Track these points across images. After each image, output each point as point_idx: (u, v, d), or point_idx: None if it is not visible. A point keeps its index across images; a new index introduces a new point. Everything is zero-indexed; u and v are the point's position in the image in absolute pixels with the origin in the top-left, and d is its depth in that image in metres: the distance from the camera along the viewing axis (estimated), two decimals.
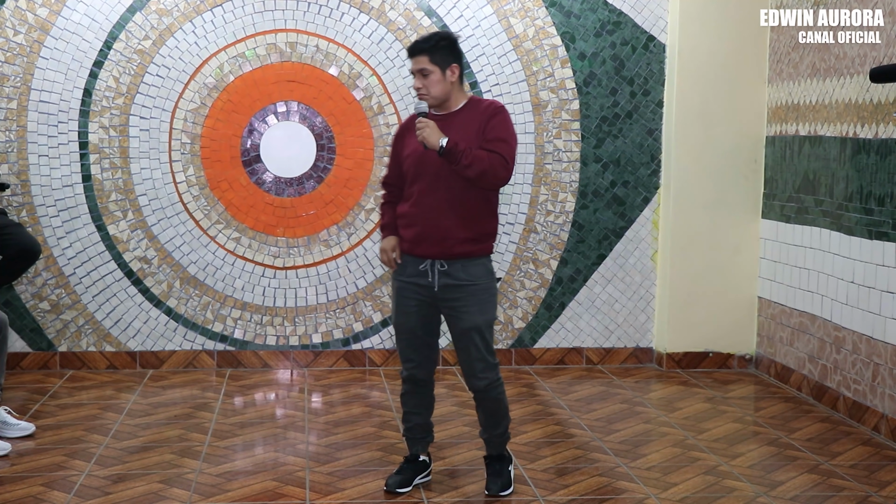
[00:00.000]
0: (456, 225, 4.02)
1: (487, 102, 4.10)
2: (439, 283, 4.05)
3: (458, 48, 4.07)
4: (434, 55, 4.00)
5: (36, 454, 4.60)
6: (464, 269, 4.05)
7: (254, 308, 6.22)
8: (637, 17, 6.25)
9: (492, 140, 3.99)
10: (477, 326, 4.05)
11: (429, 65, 4.00)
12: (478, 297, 4.05)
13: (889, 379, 4.88)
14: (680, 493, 4.19)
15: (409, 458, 4.32)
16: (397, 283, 4.17)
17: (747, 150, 6.23)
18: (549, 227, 6.31)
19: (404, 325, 4.16)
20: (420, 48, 4.02)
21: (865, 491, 4.23)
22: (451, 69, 4.03)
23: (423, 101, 4.05)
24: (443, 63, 4.01)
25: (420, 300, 4.11)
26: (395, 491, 4.18)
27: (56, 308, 6.09)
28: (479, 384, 4.11)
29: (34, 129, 5.99)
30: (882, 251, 4.91)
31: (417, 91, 4.05)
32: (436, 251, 4.04)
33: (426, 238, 4.05)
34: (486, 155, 3.95)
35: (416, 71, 4.03)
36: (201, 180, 6.14)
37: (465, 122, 4.04)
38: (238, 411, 5.37)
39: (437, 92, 4.03)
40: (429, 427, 4.32)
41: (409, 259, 4.12)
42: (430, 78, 4.01)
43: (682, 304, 6.28)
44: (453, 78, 4.04)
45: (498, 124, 4.02)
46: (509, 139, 4.02)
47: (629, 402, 5.60)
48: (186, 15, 6.04)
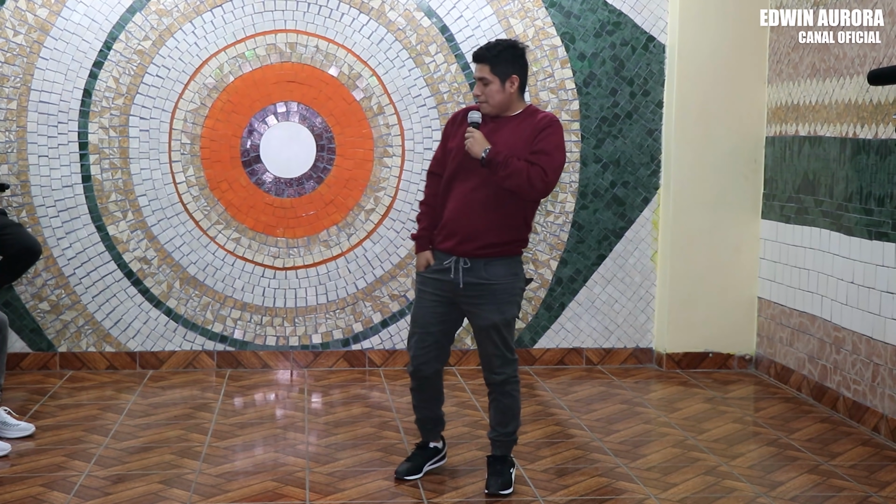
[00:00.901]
0: (487, 228, 4.08)
1: (543, 114, 4.14)
2: (464, 280, 4.11)
3: (522, 59, 4.10)
4: (496, 65, 4.04)
5: (36, 455, 4.60)
6: (486, 268, 4.11)
7: (254, 308, 6.22)
8: (637, 17, 6.25)
9: (537, 152, 4.04)
10: (495, 325, 4.11)
11: (489, 74, 4.05)
12: (497, 296, 4.11)
13: (889, 379, 4.88)
14: (680, 493, 4.19)
15: (420, 445, 4.42)
16: (420, 276, 4.25)
17: (747, 151, 6.23)
18: (548, 228, 6.31)
19: (420, 318, 4.23)
20: (483, 56, 4.07)
21: (865, 491, 4.23)
22: (510, 80, 4.07)
23: (476, 112, 4.11)
24: (503, 74, 4.06)
25: (439, 295, 4.18)
26: (404, 478, 4.28)
27: (56, 308, 6.09)
28: (497, 378, 4.18)
29: (34, 129, 5.99)
30: (882, 251, 4.91)
31: (476, 97, 4.12)
32: (462, 249, 4.10)
33: (454, 234, 4.11)
34: (525, 167, 3.99)
35: (478, 79, 4.09)
36: (201, 181, 6.14)
37: (517, 129, 4.09)
38: (238, 412, 5.37)
39: (495, 102, 4.09)
40: (438, 419, 4.40)
41: (436, 254, 4.20)
42: (489, 87, 4.07)
43: (681, 305, 6.28)
44: (512, 89, 4.08)
45: (547, 136, 4.06)
46: (554, 152, 4.05)
47: (629, 402, 5.60)
48: (186, 15, 6.04)
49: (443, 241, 4.16)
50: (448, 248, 4.13)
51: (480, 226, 4.07)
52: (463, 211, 4.10)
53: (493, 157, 4.00)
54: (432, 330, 4.21)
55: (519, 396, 4.24)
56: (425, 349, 4.23)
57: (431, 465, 4.39)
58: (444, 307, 4.19)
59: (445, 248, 4.14)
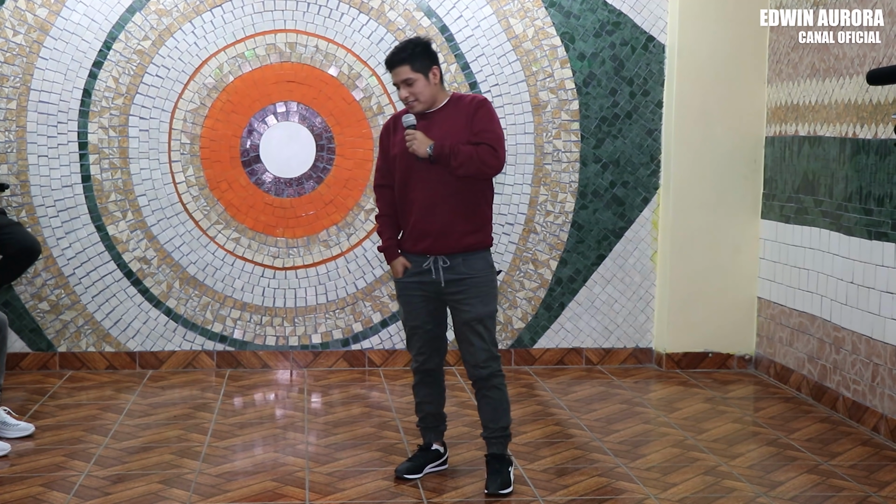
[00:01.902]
0: (453, 219, 4.14)
1: (470, 97, 4.20)
2: (445, 277, 4.15)
3: (432, 51, 4.18)
4: (414, 63, 4.10)
5: (35, 455, 4.60)
6: (465, 263, 4.16)
7: (253, 308, 6.22)
8: (636, 17, 6.25)
9: (478, 132, 4.10)
10: (480, 317, 4.16)
11: (412, 73, 4.11)
12: (479, 289, 4.17)
13: (888, 379, 4.88)
14: (679, 493, 4.19)
15: (422, 447, 4.44)
16: (400, 283, 4.28)
17: (747, 151, 6.23)
18: (548, 228, 6.31)
19: (412, 321, 4.28)
20: (400, 59, 4.12)
21: (865, 491, 4.23)
22: (432, 72, 4.14)
23: (409, 116, 4.15)
24: (424, 69, 4.12)
25: (425, 296, 4.23)
26: (403, 477, 4.30)
27: (55, 308, 6.09)
28: (483, 373, 4.20)
29: (34, 129, 5.99)
30: (881, 251, 4.91)
31: (405, 101, 4.16)
32: (437, 247, 4.15)
33: (426, 235, 4.16)
34: (473, 150, 4.06)
35: (401, 82, 4.12)
36: (201, 181, 6.13)
37: (450, 118, 4.15)
38: (237, 412, 5.37)
39: (425, 97, 4.15)
40: (441, 416, 4.46)
41: (411, 258, 4.23)
42: (415, 86, 4.12)
43: (681, 305, 6.28)
44: (436, 80, 4.16)
45: (483, 116, 4.13)
46: (495, 128, 4.13)
47: (629, 402, 5.60)
48: (186, 15, 6.04)
49: (415, 244, 4.19)
50: (424, 250, 4.17)
51: (448, 219, 4.12)
52: (428, 210, 4.14)
53: (439, 151, 4.05)
54: (428, 328, 4.28)
55: (506, 389, 4.28)
56: (426, 344, 4.30)
57: (432, 468, 4.39)
58: (432, 304, 4.25)
59: (421, 250, 4.18)
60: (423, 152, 4.07)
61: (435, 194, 4.12)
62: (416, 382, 4.40)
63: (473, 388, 4.30)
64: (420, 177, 4.14)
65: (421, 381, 4.38)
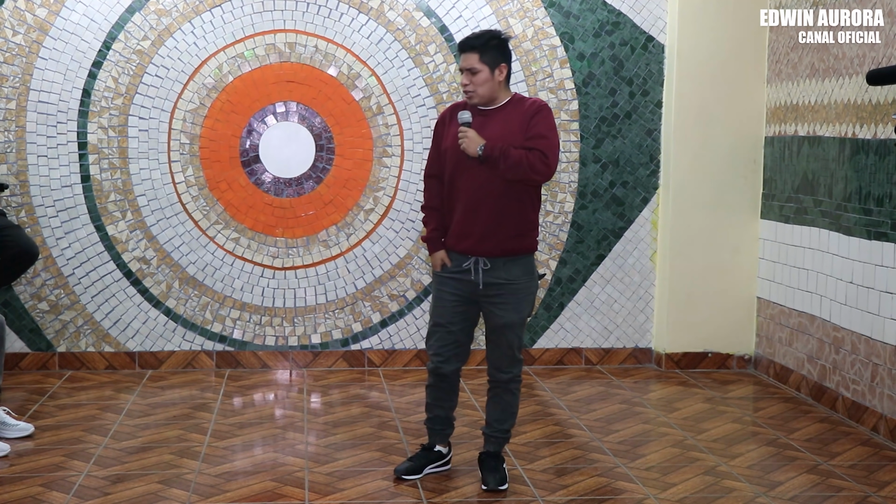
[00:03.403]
0: (498, 221, 4.08)
1: (531, 100, 4.12)
2: (484, 280, 4.11)
3: (508, 48, 4.09)
4: (484, 54, 4.02)
5: (35, 455, 4.60)
6: (505, 268, 4.11)
7: (253, 308, 6.22)
8: (636, 17, 6.25)
9: (532, 137, 4.03)
10: (511, 324, 4.13)
11: (478, 63, 4.02)
12: (516, 295, 4.13)
13: (888, 379, 4.88)
14: (679, 493, 4.19)
15: (424, 447, 4.41)
16: (438, 276, 4.24)
17: (746, 151, 6.23)
18: (548, 228, 6.31)
19: (440, 318, 4.22)
20: (472, 45, 4.02)
21: (864, 491, 4.23)
22: (499, 69, 4.05)
23: (465, 112, 4.07)
24: (492, 62, 4.03)
25: (459, 295, 4.17)
26: (402, 477, 4.28)
27: (55, 308, 6.09)
28: (504, 377, 4.21)
29: (33, 129, 5.99)
30: (881, 251, 4.92)
31: (464, 87, 4.08)
32: (479, 248, 4.10)
33: (469, 234, 4.10)
34: (523, 155, 3.99)
35: (466, 68, 4.04)
36: (200, 181, 6.13)
37: (508, 118, 4.08)
38: (237, 412, 5.37)
39: (484, 91, 4.06)
40: (449, 421, 4.40)
41: (452, 255, 4.18)
42: (478, 76, 4.04)
43: (681, 305, 6.28)
44: (501, 77, 4.07)
45: (540, 122, 4.05)
46: (550, 135, 4.05)
47: (628, 402, 5.60)
48: (185, 15, 6.04)
49: (458, 242, 4.14)
50: (466, 249, 4.12)
51: (492, 222, 4.07)
52: (473, 210, 4.09)
53: (489, 152, 3.99)
54: (453, 329, 4.21)
55: (519, 394, 4.28)
56: (446, 347, 4.23)
57: (433, 469, 4.36)
58: (464, 305, 4.19)
59: (463, 250, 4.13)
60: (474, 151, 4.00)
61: (481, 194, 4.06)
62: (429, 383, 4.33)
63: (489, 384, 4.29)
64: (469, 175, 4.08)
65: (434, 384, 4.30)
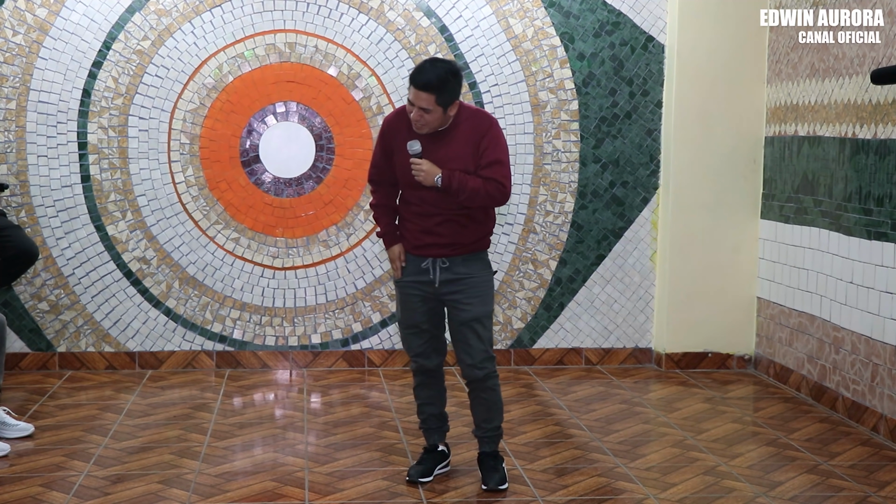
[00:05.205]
0: (458, 231, 4.12)
1: (479, 116, 4.09)
2: (440, 278, 4.14)
3: (461, 82, 4.01)
4: (441, 96, 3.92)
5: (35, 455, 4.60)
6: (464, 264, 4.15)
7: (253, 308, 6.22)
8: (636, 17, 6.25)
9: (488, 165, 4.03)
10: (478, 317, 4.15)
11: (433, 105, 3.93)
12: (478, 288, 4.16)
13: (888, 379, 4.88)
14: (679, 493, 4.19)
15: (428, 449, 4.42)
16: (399, 283, 4.27)
17: (746, 151, 6.23)
18: (548, 228, 6.31)
19: (409, 320, 4.26)
20: (427, 85, 3.89)
21: (864, 491, 4.23)
22: (452, 106, 4.00)
23: (415, 143, 4.01)
24: (446, 104, 3.96)
25: (423, 296, 4.21)
26: (418, 481, 4.27)
27: (55, 308, 6.09)
28: (479, 374, 4.19)
29: (33, 129, 5.99)
30: (881, 251, 4.92)
31: (413, 122, 4.00)
32: (437, 252, 4.14)
33: (427, 244, 4.14)
34: (481, 185, 4.00)
35: (418, 105, 3.93)
36: (200, 181, 6.13)
37: (459, 136, 4.06)
38: (237, 412, 5.37)
39: (433, 126, 4.02)
40: (443, 417, 4.43)
41: (410, 258, 4.21)
42: (431, 115, 3.96)
43: (681, 305, 6.28)
44: (453, 112, 4.02)
45: (490, 143, 4.04)
46: (503, 158, 4.07)
47: (628, 402, 5.60)
48: (185, 15, 6.04)
49: (415, 244, 4.16)
50: (422, 252, 4.15)
51: (451, 230, 4.10)
52: (429, 215, 4.11)
53: (447, 184, 3.99)
54: (425, 328, 4.25)
55: (500, 390, 4.28)
56: (425, 345, 4.27)
57: (441, 470, 4.39)
58: (430, 304, 4.22)
59: (420, 252, 4.16)
60: (431, 183, 4.00)
61: (441, 206, 4.08)
62: (416, 384, 4.38)
63: (467, 387, 4.30)
64: (425, 189, 4.09)
65: (422, 383, 4.36)
